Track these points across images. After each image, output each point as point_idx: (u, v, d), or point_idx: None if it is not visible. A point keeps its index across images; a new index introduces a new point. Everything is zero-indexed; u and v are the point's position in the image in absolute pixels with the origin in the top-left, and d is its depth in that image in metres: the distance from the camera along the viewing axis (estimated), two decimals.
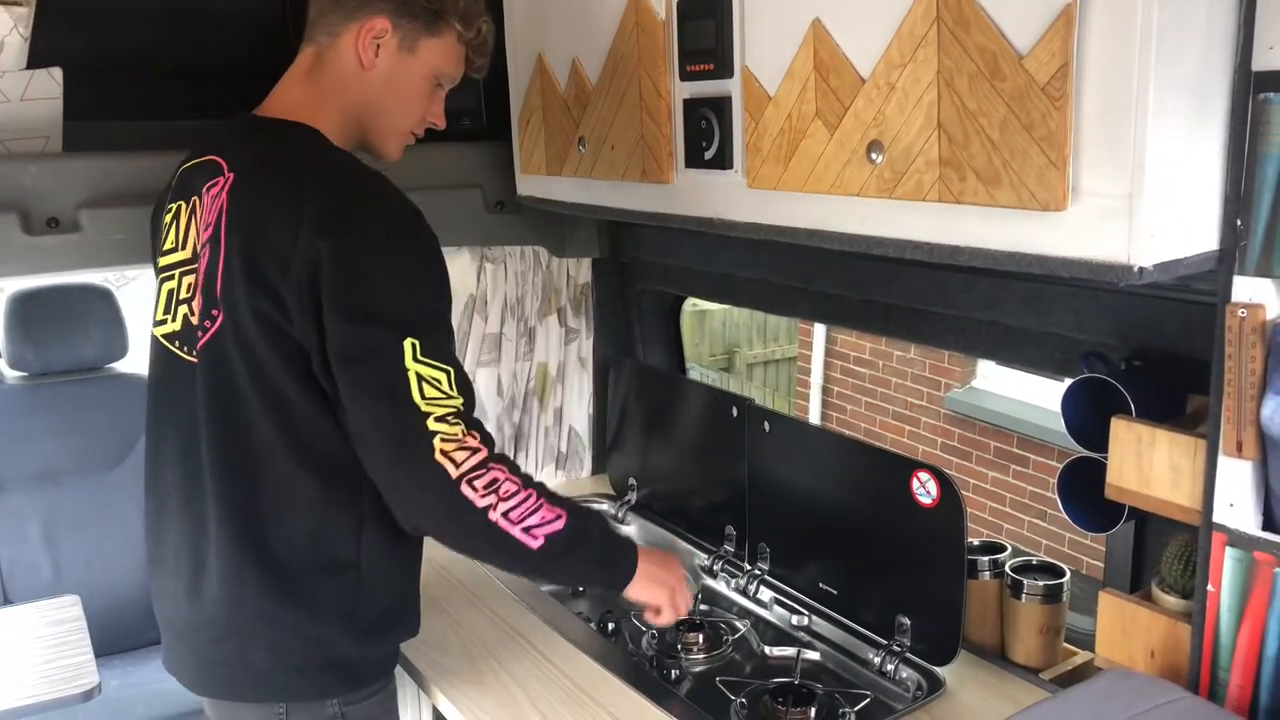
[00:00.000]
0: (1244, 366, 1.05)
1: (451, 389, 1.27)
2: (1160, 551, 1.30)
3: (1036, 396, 5.04)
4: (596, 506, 2.28)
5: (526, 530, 1.30)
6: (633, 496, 2.23)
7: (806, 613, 1.77)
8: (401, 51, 1.41)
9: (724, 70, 1.41)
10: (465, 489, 1.26)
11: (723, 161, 1.44)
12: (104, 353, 2.56)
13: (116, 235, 1.72)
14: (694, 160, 1.50)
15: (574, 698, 1.54)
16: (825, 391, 6.50)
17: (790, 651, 1.72)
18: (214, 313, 1.34)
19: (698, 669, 1.73)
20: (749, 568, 1.90)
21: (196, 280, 1.37)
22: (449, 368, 1.28)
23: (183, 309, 1.40)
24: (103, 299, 2.54)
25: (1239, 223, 1.04)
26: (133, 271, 1.77)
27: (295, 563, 1.37)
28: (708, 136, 1.45)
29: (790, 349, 7.67)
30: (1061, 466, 1.40)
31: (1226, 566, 1.11)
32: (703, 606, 1.90)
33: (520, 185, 1.97)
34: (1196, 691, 1.16)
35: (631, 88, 1.57)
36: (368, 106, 1.43)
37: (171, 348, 1.42)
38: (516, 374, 2.28)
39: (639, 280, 2.35)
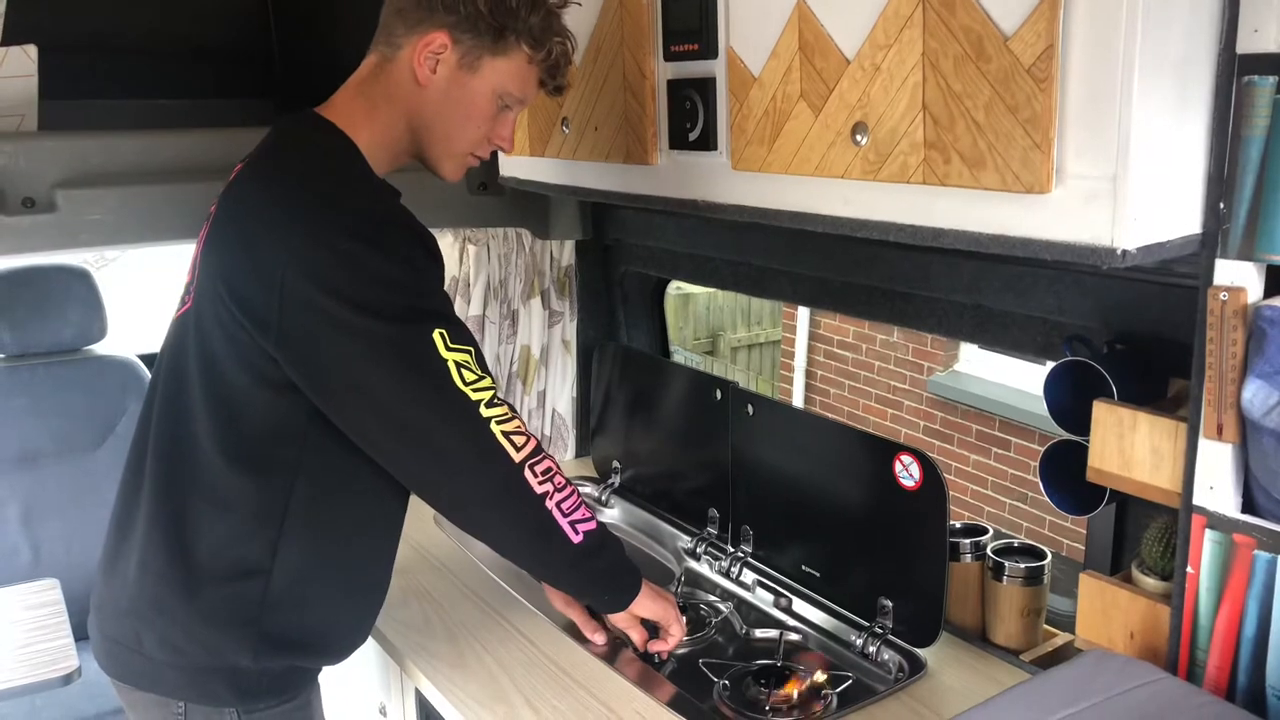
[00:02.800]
0: (1225, 350, 1.06)
1: (479, 369, 1.27)
2: (1141, 534, 1.31)
3: (1018, 380, 5.07)
4: (580, 489, 2.28)
5: (573, 524, 1.33)
6: (616, 479, 2.23)
7: (789, 595, 1.77)
8: (461, 70, 1.34)
9: (708, 51, 1.40)
10: (527, 474, 1.28)
11: (707, 143, 1.43)
12: (83, 334, 2.53)
13: (93, 215, 1.70)
14: (678, 142, 1.49)
15: (557, 680, 1.54)
16: (809, 375, 6.52)
17: (773, 633, 1.72)
18: (186, 299, 1.34)
19: (681, 651, 1.73)
20: (732, 550, 1.90)
21: (196, 252, 1.38)
22: (470, 347, 1.27)
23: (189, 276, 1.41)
24: (81, 280, 2.51)
25: (1222, 205, 1.04)
26: (112, 252, 1.75)
27: (204, 561, 1.33)
28: (692, 118, 1.45)
29: (774, 333, 7.68)
30: (1043, 450, 1.40)
31: (1206, 549, 1.12)
32: (686, 588, 1.91)
33: (503, 166, 1.95)
34: (1175, 672, 1.17)
35: (615, 68, 1.56)
36: (422, 124, 1.36)
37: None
38: (499, 357, 2.27)
39: (622, 262, 2.34)
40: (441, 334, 1.24)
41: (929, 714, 1.44)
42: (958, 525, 1.63)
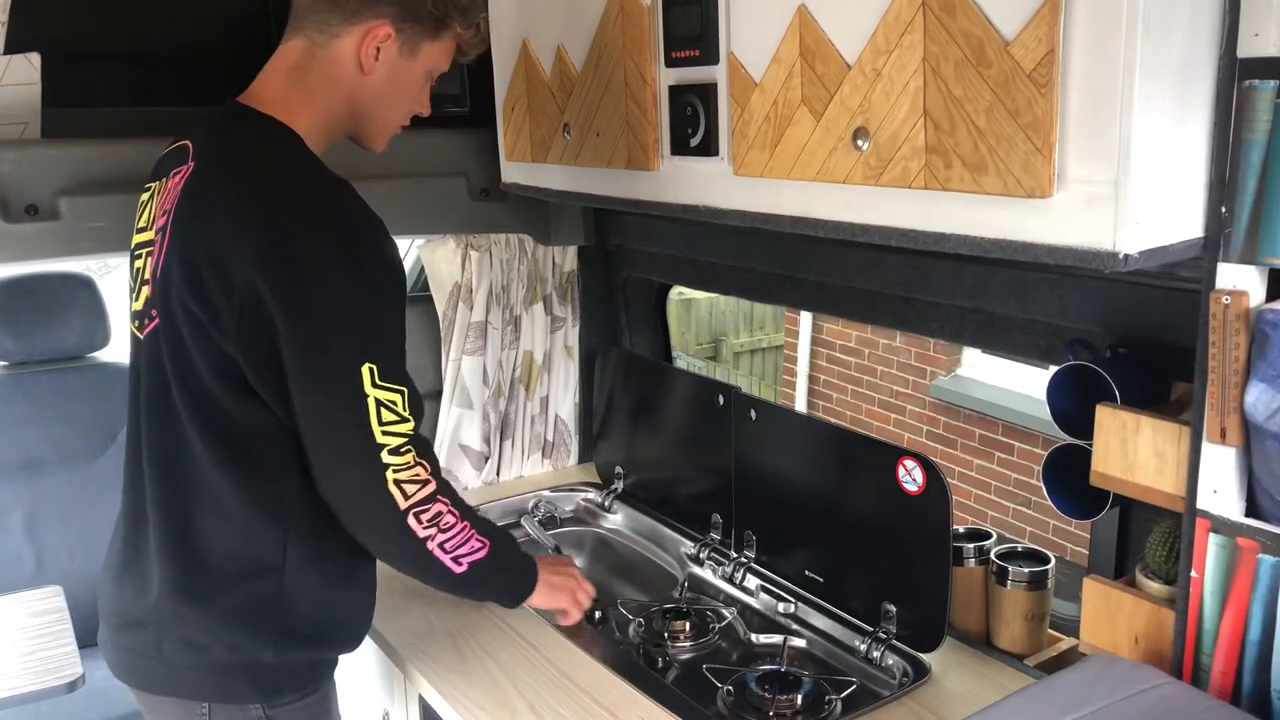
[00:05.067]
0: (1228, 353, 1.05)
1: (404, 410, 1.29)
2: (1144, 538, 1.30)
3: (1021, 384, 5.07)
4: (583, 495, 2.29)
5: (455, 559, 1.38)
6: (619, 485, 2.23)
7: (793, 600, 1.77)
8: (401, 56, 1.39)
9: (709, 57, 1.40)
10: (411, 520, 1.32)
11: (708, 148, 1.43)
12: (86, 342, 2.53)
13: (96, 223, 1.70)
14: (679, 147, 1.49)
15: (560, 686, 1.54)
16: (811, 380, 6.52)
17: (776, 639, 1.72)
18: (153, 312, 1.35)
19: (684, 657, 1.73)
20: (735, 555, 1.90)
21: (152, 264, 1.37)
22: (403, 388, 1.29)
23: (145, 289, 1.40)
24: (84, 287, 2.51)
25: (1223, 209, 1.04)
26: (116, 259, 1.75)
27: (218, 566, 1.36)
28: (693, 123, 1.45)
29: (777, 337, 7.68)
30: (1047, 454, 1.40)
31: (1210, 552, 1.12)
32: (689, 594, 1.91)
33: (505, 173, 1.96)
34: (1180, 677, 1.16)
35: (616, 74, 1.56)
36: (360, 107, 1.41)
37: (134, 329, 1.43)
38: (502, 362, 2.27)
39: (625, 268, 2.34)
40: (371, 369, 1.26)
41: None
42: (961, 530, 1.63)
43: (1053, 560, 1.57)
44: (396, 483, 1.30)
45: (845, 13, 1.19)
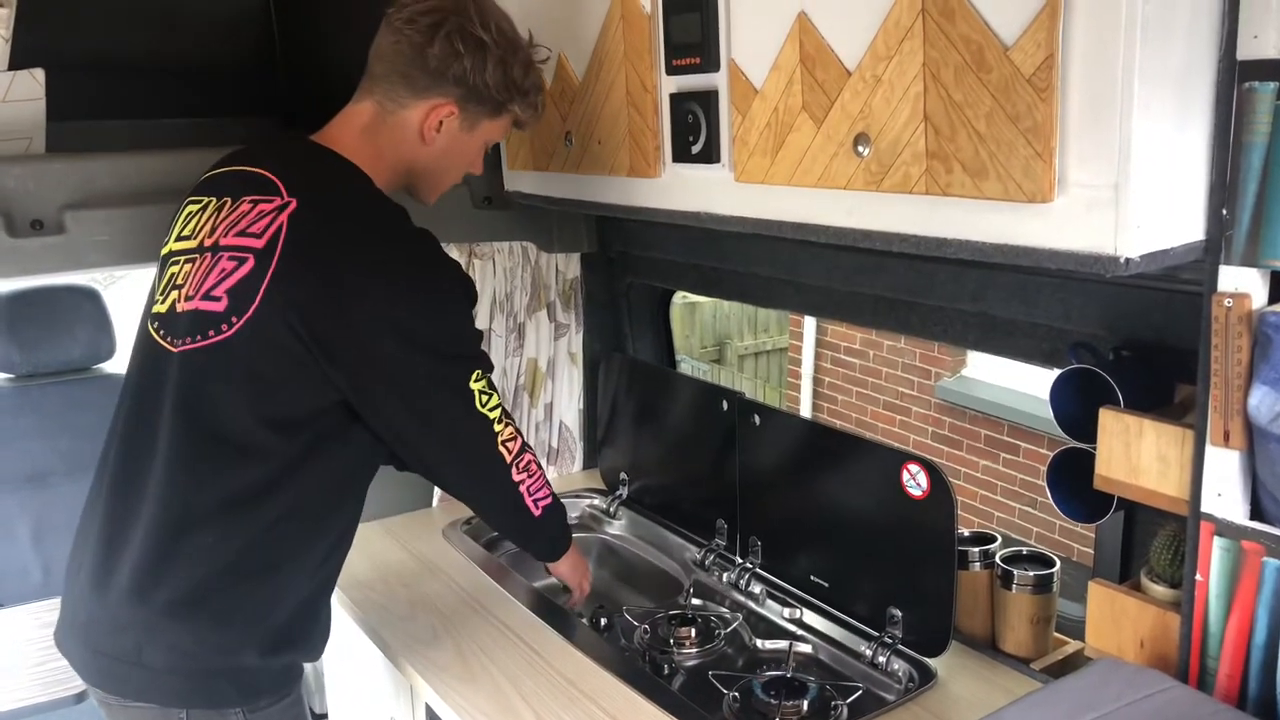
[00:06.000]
0: (1230, 356, 1.05)
1: (493, 390, 1.50)
2: (1149, 541, 1.30)
3: (1026, 385, 5.06)
4: (588, 501, 2.29)
5: (535, 502, 1.60)
6: (624, 491, 2.24)
7: (798, 605, 1.77)
8: (461, 130, 1.49)
9: (710, 64, 1.40)
10: (514, 471, 1.55)
11: (710, 155, 1.44)
12: (91, 353, 2.54)
13: (101, 237, 1.71)
14: (681, 154, 1.49)
15: (566, 693, 1.54)
16: (816, 382, 6.51)
17: (782, 645, 1.72)
18: (233, 319, 1.35)
19: (690, 663, 1.73)
20: (740, 561, 1.90)
21: (197, 273, 1.39)
22: (488, 376, 1.50)
23: (173, 294, 1.42)
24: (89, 299, 2.52)
25: (1224, 212, 1.04)
26: (120, 270, 1.76)
27: (219, 566, 1.38)
28: (694, 130, 1.45)
29: (781, 340, 7.67)
30: (1050, 457, 1.40)
31: (1214, 556, 1.11)
32: (695, 600, 1.91)
33: (507, 181, 1.96)
34: (1185, 681, 1.16)
35: (617, 82, 1.56)
36: (418, 170, 1.52)
37: (154, 334, 1.44)
38: (506, 370, 2.27)
39: (627, 274, 2.34)
40: (477, 373, 1.46)
41: None
42: (966, 533, 1.63)
43: (1058, 563, 1.57)
44: (503, 443, 1.52)
45: (845, 19, 1.19)
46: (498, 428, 1.51)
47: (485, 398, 1.48)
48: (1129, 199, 0.99)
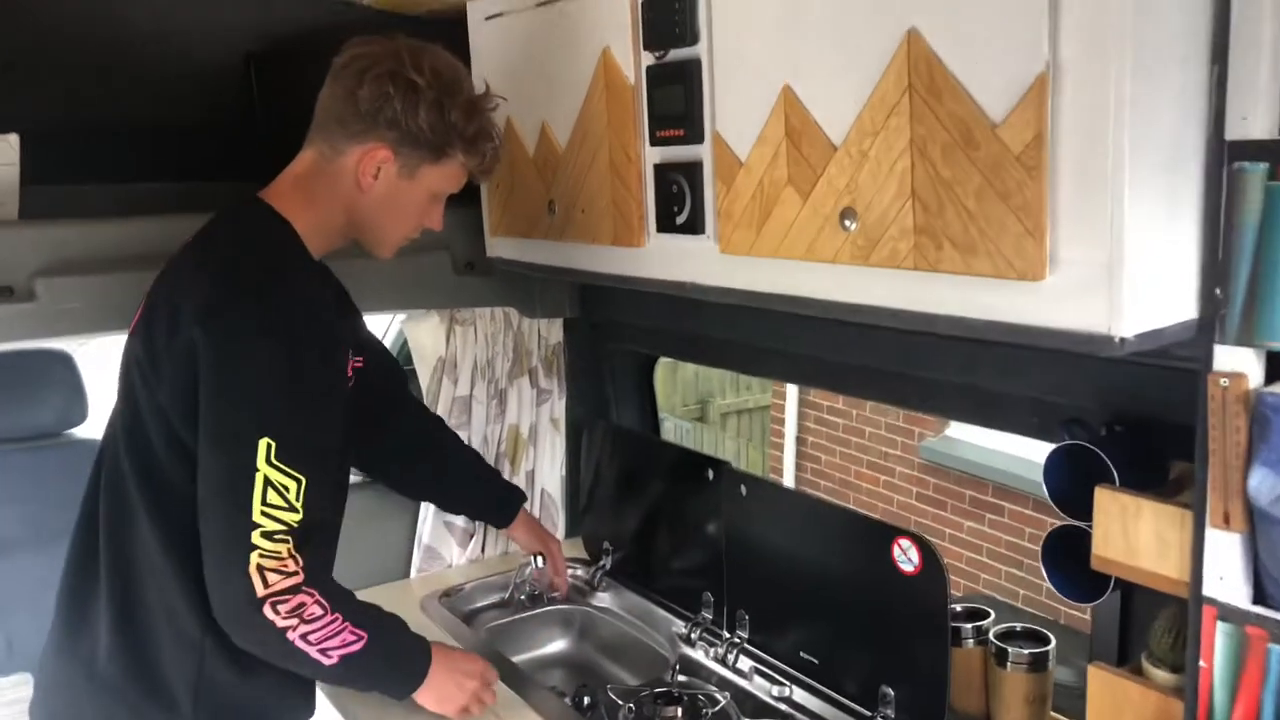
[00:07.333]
0: (1229, 437, 1.03)
1: (296, 500, 1.28)
2: (1148, 621, 1.27)
3: (1010, 445, 5.05)
4: (571, 572, 2.23)
5: (323, 651, 1.35)
6: (607, 561, 2.18)
7: (788, 683, 1.72)
8: (400, 178, 1.44)
9: (694, 136, 1.39)
10: (268, 609, 1.29)
11: (694, 227, 1.42)
12: (63, 418, 2.47)
13: (72, 304, 1.68)
14: (665, 225, 1.48)
15: None
16: (800, 441, 6.49)
17: None
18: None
19: None
20: (728, 636, 1.85)
21: None
22: (302, 477, 1.28)
23: None
24: (61, 363, 2.46)
25: (1218, 292, 1.03)
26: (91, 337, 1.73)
27: (155, 632, 1.40)
28: (679, 201, 1.44)
29: (764, 398, 7.65)
30: (1045, 536, 1.37)
31: (1218, 641, 1.08)
32: (681, 677, 1.85)
33: (490, 247, 1.94)
34: None
35: (601, 152, 1.55)
36: (359, 219, 1.47)
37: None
38: (488, 437, 2.23)
39: (611, 340, 2.32)
40: (270, 444, 1.26)
41: None
42: (959, 609, 1.59)
43: (1053, 641, 1.53)
44: (260, 568, 1.28)
45: (831, 94, 1.19)
46: (260, 541, 1.27)
47: (274, 496, 1.27)
48: (1122, 277, 0.98)
